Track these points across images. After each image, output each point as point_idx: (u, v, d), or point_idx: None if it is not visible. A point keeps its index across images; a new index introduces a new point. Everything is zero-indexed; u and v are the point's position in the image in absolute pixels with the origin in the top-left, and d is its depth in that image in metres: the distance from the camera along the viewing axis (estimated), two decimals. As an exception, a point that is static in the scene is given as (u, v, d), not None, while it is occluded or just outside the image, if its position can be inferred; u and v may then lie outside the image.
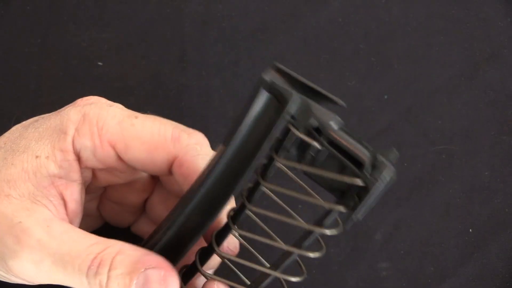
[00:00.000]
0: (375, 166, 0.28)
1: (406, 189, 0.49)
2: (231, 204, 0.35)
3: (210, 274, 0.35)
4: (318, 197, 0.31)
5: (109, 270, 0.33)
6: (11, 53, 0.53)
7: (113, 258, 0.33)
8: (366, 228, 0.47)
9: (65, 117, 0.37)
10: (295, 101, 0.29)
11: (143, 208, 0.43)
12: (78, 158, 0.37)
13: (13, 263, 0.34)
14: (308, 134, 0.29)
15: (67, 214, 0.36)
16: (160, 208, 0.41)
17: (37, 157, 0.36)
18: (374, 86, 0.54)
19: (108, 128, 0.36)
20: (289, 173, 0.32)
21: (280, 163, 0.31)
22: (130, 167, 0.38)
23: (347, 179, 0.29)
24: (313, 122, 0.29)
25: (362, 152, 0.28)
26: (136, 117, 0.37)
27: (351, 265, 0.46)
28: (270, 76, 0.30)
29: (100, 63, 0.53)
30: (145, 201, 0.42)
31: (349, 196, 0.30)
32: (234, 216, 0.34)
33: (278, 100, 0.30)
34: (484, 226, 0.48)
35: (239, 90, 0.53)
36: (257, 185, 0.32)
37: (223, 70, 0.54)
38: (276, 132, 0.30)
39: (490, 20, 0.57)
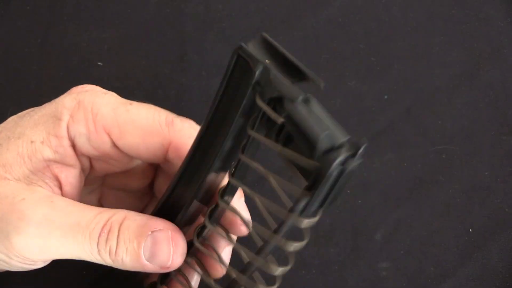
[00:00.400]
0: (332, 150, 0.27)
1: (406, 189, 0.49)
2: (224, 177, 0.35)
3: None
4: (286, 181, 0.29)
5: (118, 235, 0.33)
6: (11, 53, 0.53)
7: (120, 224, 0.34)
8: (366, 228, 0.47)
9: (60, 104, 0.37)
10: (260, 69, 0.29)
11: (148, 198, 0.43)
12: (73, 145, 0.37)
13: (17, 240, 0.34)
14: (272, 106, 0.28)
15: (62, 194, 0.37)
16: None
17: (32, 142, 0.36)
18: (374, 86, 0.54)
19: (102, 114, 0.36)
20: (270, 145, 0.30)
21: (251, 133, 0.30)
22: (125, 155, 0.38)
23: (299, 159, 0.27)
24: (275, 93, 0.28)
25: (315, 132, 0.27)
26: (130, 104, 0.37)
27: (351, 265, 0.46)
28: (251, 45, 0.29)
29: (100, 63, 0.53)
30: (151, 186, 0.42)
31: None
32: (224, 189, 0.34)
33: (251, 68, 0.29)
34: (484, 226, 0.48)
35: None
36: (239, 159, 0.32)
37: (223, 70, 0.53)
38: (245, 100, 0.29)
39: (490, 20, 0.57)
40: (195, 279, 0.38)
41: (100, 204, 0.43)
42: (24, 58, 0.53)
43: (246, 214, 0.38)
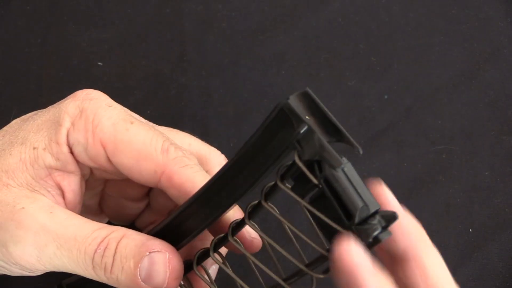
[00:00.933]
0: (365, 222, 0.28)
1: (406, 189, 0.49)
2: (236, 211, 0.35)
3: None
4: (305, 237, 0.31)
5: (115, 253, 0.33)
6: (11, 53, 0.53)
7: (118, 242, 0.34)
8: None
9: (63, 110, 0.37)
10: (304, 130, 0.29)
11: (146, 202, 0.43)
12: (71, 152, 0.37)
13: (15, 248, 0.34)
14: (309, 167, 0.29)
15: (65, 204, 0.37)
16: (163, 198, 0.41)
17: (34, 148, 0.36)
18: (374, 86, 0.54)
19: (102, 127, 0.36)
20: (300, 201, 0.31)
21: (280, 185, 0.30)
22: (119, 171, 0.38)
23: (334, 225, 0.28)
24: (316, 156, 0.28)
25: (355, 202, 0.28)
26: (131, 123, 0.37)
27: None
28: (293, 99, 0.29)
29: (100, 63, 0.53)
30: (148, 192, 0.42)
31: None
32: (236, 226, 0.34)
33: (293, 126, 0.29)
34: (484, 226, 0.48)
35: (239, 90, 0.53)
36: (259, 203, 0.32)
37: (223, 70, 0.54)
38: (281, 154, 0.30)
39: (490, 20, 0.57)
40: None
41: (100, 209, 0.43)
42: (24, 58, 0.53)
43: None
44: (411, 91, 0.54)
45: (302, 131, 0.28)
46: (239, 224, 0.34)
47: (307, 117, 0.29)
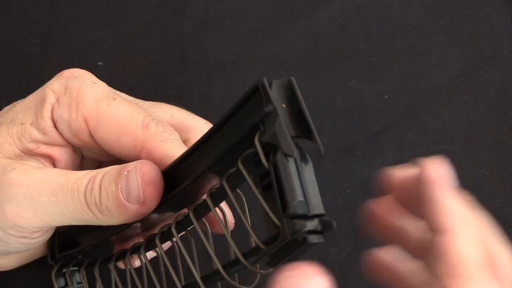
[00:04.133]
0: (301, 218, 0.27)
1: (406, 189, 0.49)
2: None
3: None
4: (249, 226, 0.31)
5: (100, 183, 0.34)
6: (11, 53, 0.53)
7: (104, 174, 0.34)
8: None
9: (49, 87, 0.38)
10: (269, 110, 0.28)
11: None
12: (56, 128, 0.37)
13: (10, 205, 0.34)
14: (267, 152, 0.28)
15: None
16: None
17: (22, 124, 0.37)
18: (374, 85, 0.54)
19: (85, 103, 0.37)
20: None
21: (239, 165, 0.30)
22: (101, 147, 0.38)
23: (269, 212, 0.28)
24: (274, 141, 0.28)
25: (293, 195, 0.27)
26: (114, 99, 0.37)
27: (352, 265, 0.46)
28: (275, 84, 0.29)
29: (100, 63, 0.53)
30: None
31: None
32: (196, 206, 0.34)
33: (262, 105, 0.29)
34: (484, 226, 0.48)
35: (239, 90, 0.52)
36: (222, 184, 0.32)
37: (223, 70, 0.54)
38: (248, 132, 0.29)
39: (490, 20, 0.57)
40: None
41: None
42: (24, 58, 0.53)
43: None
44: (411, 91, 0.54)
45: (267, 111, 0.28)
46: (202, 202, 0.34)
47: (283, 105, 0.29)
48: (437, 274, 0.29)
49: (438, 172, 0.31)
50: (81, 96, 0.37)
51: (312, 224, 0.27)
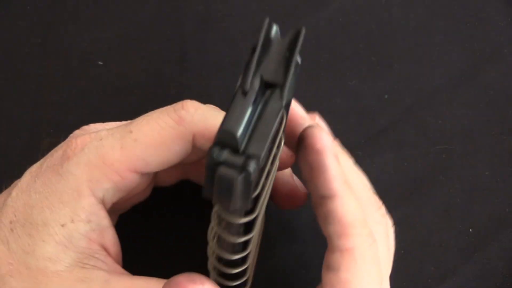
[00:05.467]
0: (224, 147, 0.25)
1: (406, 189, 0.49)
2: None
3: None
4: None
5: None
6: (11, 53, 0.53)
7: None
8: (366, 228, 0.47)
9: (70, 178, 0.35)
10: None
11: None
12: (103, 203, 0.36)
13: None
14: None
15: (113, 260, 0.36)
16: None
17: (63, 225, 0.35)
18: (374, 85, 0.54)
19: (115, 159, 0.35)
20: None
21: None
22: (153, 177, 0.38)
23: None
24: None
25: (225, 123, 0.25)
26: (131, 132, 0.36)
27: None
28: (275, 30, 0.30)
29: (100, 63, 0.53)
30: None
31: None
32: None
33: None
34: (484, 226, 0.48)
35: (239, 90, 0.53)
36: None
37: (223, 70, 0.54)
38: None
39: (490, 20, 0.57)
40: None
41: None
42: (24, 58, 0.53)
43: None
44: (411, 91, 0.54)
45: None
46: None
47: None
48: (329, 236, 0.33)
49: (322, 140, 0.33)
50: (107, 158, 0.35)
51: (233, 159, 0.24)
